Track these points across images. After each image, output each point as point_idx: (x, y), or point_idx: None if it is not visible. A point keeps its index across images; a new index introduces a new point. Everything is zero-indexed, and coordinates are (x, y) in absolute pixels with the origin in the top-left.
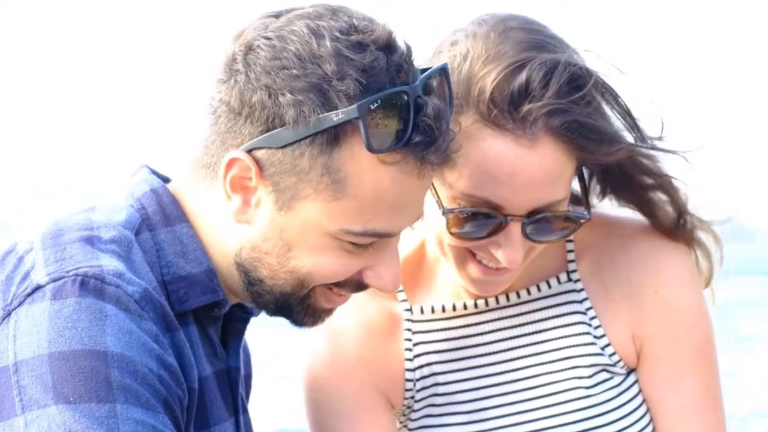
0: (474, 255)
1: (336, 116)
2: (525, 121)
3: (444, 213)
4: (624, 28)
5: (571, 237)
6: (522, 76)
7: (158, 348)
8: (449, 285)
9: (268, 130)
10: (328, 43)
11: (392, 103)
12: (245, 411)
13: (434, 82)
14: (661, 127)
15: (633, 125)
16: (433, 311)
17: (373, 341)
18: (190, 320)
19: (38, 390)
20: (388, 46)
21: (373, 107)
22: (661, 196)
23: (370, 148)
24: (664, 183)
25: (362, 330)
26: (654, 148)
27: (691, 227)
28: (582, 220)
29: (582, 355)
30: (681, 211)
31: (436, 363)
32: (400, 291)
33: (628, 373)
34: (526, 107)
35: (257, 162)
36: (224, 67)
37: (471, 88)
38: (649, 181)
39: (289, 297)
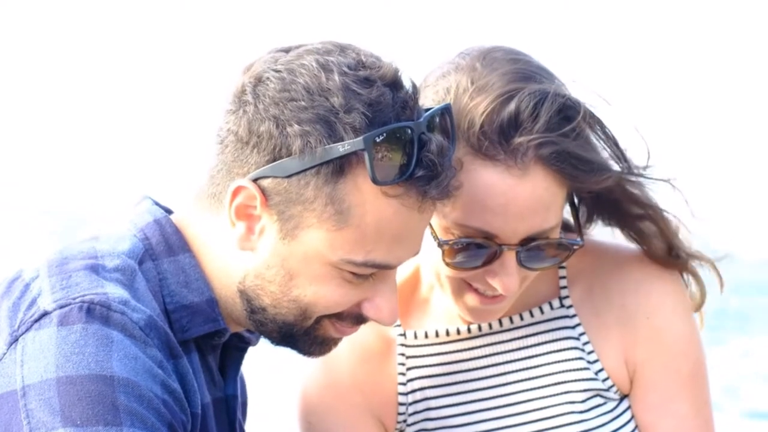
0: (470, 284)
1: (342, 147)
2: (516, 152)
3: (439, 245)
4: (613, 35)
5: (564, 263)
6: (511, 107)
7: (162, 374)
8: (443, 310)
9: (274, 160)
10: (336, 77)
11: (397, 138)
12: None
13: (438, 120)
14: (648, 156)
15: (620, 155)
16: (426, 336)
17: (367, 365)
18: (192, 348)
19: (46, 413)
20: (394, 83)
21: (378, 140)
22: (651, 227)
23: (375, 180)
24: (652, 214)
25: (357, 354)
26: (641, 176)
27: (684, 258)
28: (575, 247)
29: (575, 380)
30: (670, 243)
31: (429, 387)
32: None
33: (622, 399)
34: (516, 139)
35: (263, 191)
36: (233, 98)
37: (460, 120)
38: (638, 211)
39: (293, 327)
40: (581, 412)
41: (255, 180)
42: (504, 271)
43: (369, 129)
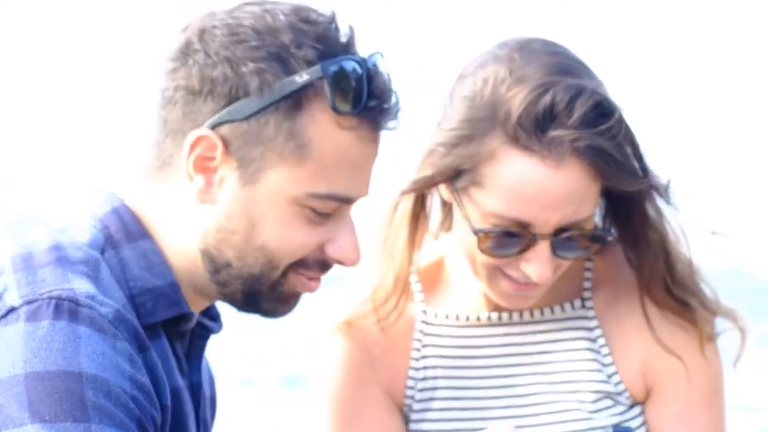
0: (504, 271)
1: (300, 78)
2: (551, 144)
3: (475, 233)
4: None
5: (591, 266)
6: (546, 100)
7: (131, 369)
8: (465, 297)
9: (230, 103)
10: (281, 17)
11: (350, 69)
12: (207, 428)
13: (377, 61)
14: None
15: (644, 170)
16: (447, 317)
17: (385, 338)
18: (160, 332)
19: (14, 409)
20: (334, 23)
21: (334, 69)
22: (650, 253)
23: (335, 107)
24: (654, 241)
25: (377, 328)
26: (663, 197)
27: (683, 300)
28: (608, 238)
29: (586, 381)
30: (665, 278)
31: (440, 367)
32: (419, 291)
33: (632, 406)
34: (552, 132)
35: (222, 139)
36: (177, 55)
37: (497, 111)
38: (640, 230)
39: (259, 280)
40: (590, 412)
41: (212, 128)
42: (538, 259)
43: (322, 61)
